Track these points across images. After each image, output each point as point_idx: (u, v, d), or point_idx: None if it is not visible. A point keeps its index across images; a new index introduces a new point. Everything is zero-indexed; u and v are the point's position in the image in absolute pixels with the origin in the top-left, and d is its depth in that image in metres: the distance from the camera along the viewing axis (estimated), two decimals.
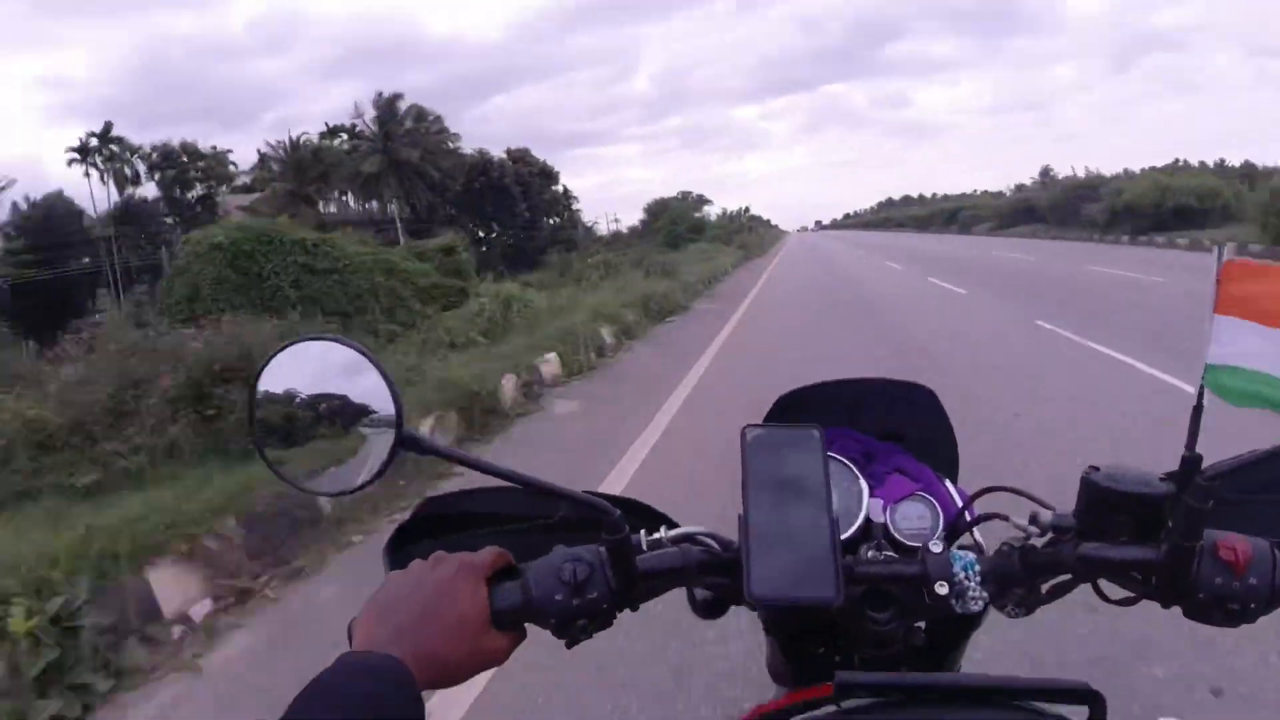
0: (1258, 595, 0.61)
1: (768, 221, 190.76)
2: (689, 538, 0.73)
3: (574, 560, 0.66)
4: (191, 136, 53.92)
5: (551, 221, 78.67)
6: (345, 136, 62.19)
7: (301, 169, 56.97)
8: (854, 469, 0.78)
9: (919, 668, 0.73)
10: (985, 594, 0.67)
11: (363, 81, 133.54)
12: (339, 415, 0.64)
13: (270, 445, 0.65)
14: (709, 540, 0.73)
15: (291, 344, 0.65)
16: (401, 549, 0.78)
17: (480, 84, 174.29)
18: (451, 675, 0.60)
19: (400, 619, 0.60)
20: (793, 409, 0.91)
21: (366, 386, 0.63)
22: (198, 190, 56.94)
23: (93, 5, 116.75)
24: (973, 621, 0.74)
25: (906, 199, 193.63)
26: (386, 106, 61.25)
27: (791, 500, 0.66)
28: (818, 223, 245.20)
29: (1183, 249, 20.86)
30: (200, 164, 56.99)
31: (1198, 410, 0.66)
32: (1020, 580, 0.69)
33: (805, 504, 0.65)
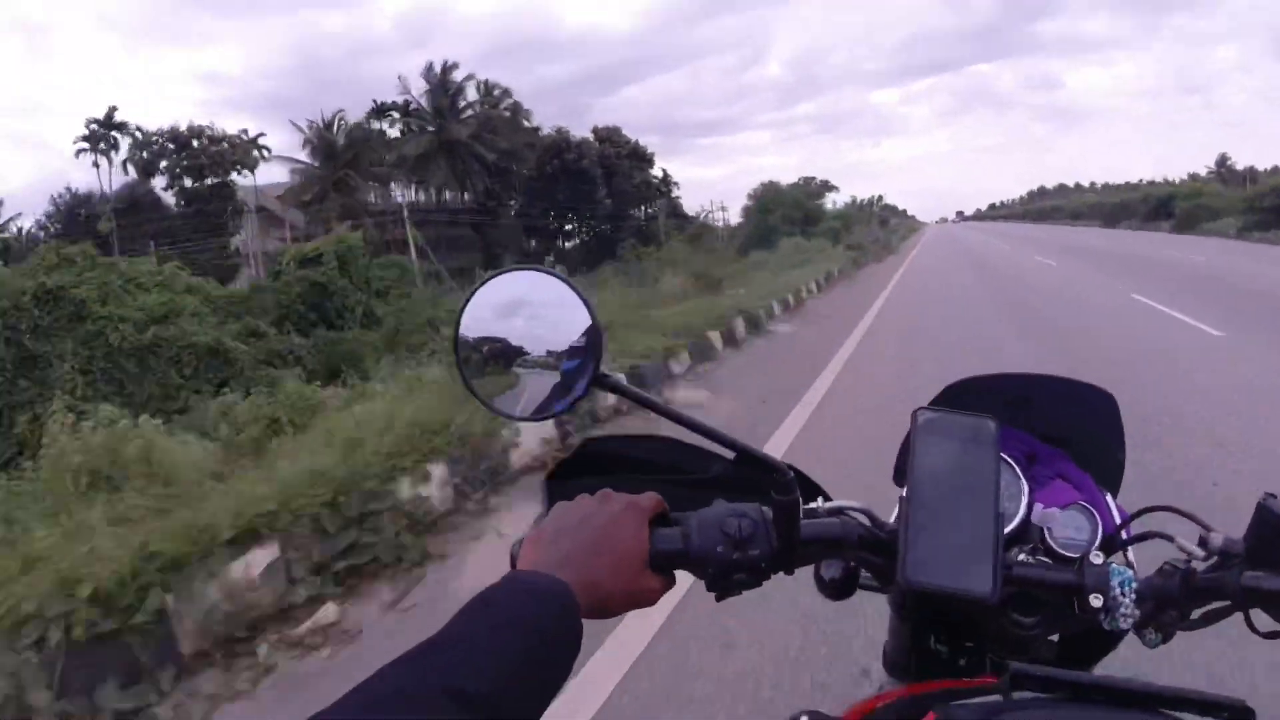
0: None
1: (903, 212, 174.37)
2: (844, 511, 0.72)
3: (739, 515, 0.66)
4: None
5: (648, 210, 67.78)
6: (396, 115, 52.73)
7: (331, 153, 48.13)
8: (1016, 469, 0.77)
9: None
10: (1137, 612, 0.65)
11: (503, 75, 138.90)
12: (539, 347, 0.66)
13: (474, 375, 0.67)
14: (863, 516, 0.71)
15: (499, 274, 0.67)
16: (561, 481, 0.78)
17: (613, 75, 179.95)
18: (608, 608, 0.62)
19: (567, 547, 0.62)
20: (959, 399, 0.86)
21: (568, 320, 0.64)
22: (210, 179, 48.87)
23: (246, 4, 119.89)
24: (1111, 641, 0.75)
25: (1062, 188, 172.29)
26: (439, 80, 51.59)
27: (958, 489, 0.66)
28: (959, 213, 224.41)
29: None
30: (214, 149, 49.01)
31: None
32: (1176, 603, 0.67)
33: (972, 495, 0.65)
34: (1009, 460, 0.77)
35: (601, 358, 0.64)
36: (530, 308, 0.66)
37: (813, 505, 0.72)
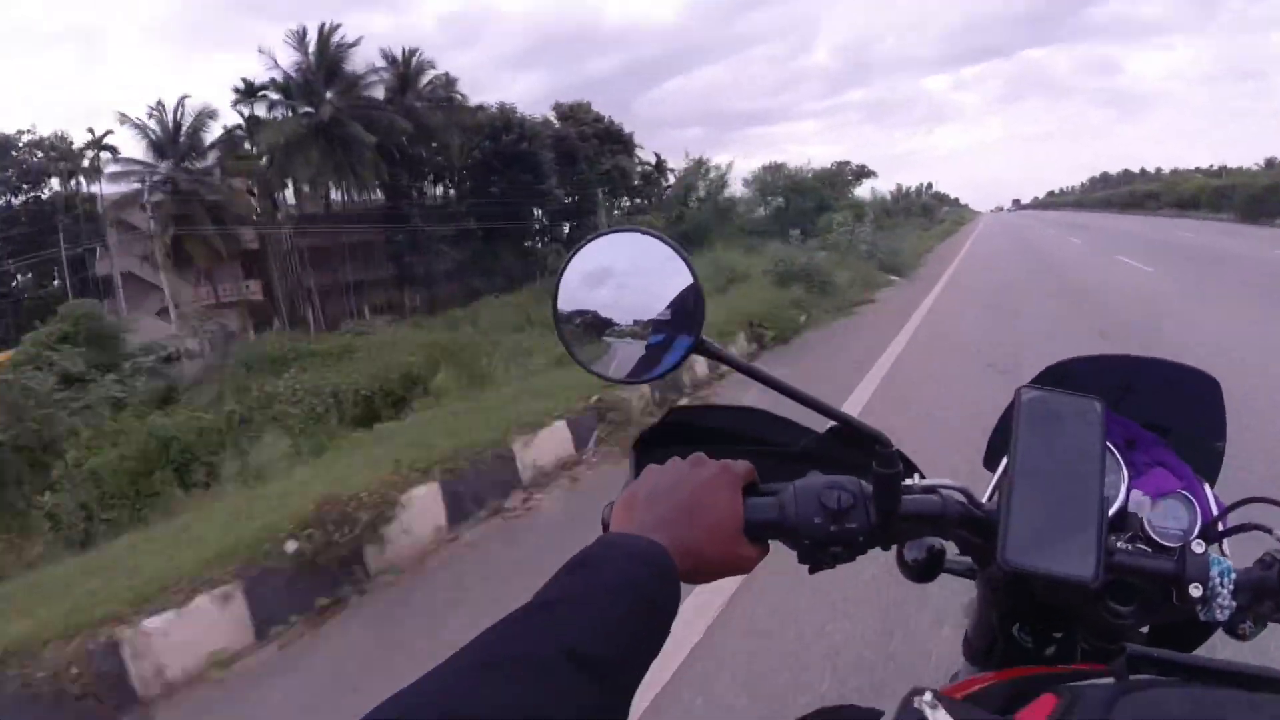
0: None
1: (955, 200, 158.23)
2: (938, 489, 0.70)
3: (838, 487, 0.65)
4: None
5: (627, 204, 53.57)
6: (277, 96, 39.08)
7: (160, 148, 35.13)
8: (1117, 454, 0.76)
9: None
10: (1234, 604, 0.64)
11: (547, 71, 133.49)
12: (631, 316, 0.65)
13: (579, 338, 0.66)
14: (959, 495, 0.70)
15: (597, 237, 0.65)
16: (648, 449, 0.78)
17: (658, 67, 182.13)
18: (704, 573, 0.61)
19: (663, 510, 0.61)
20: (1060, 381, 0.83)
21: (673, 283, 0.63)
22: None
23: (292, 7, 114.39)
24: (1203, 633, 0.75)
25: (1127, 174, 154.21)
26: (318, 49, 38.03)
27: (1061, 470, 0.65)
28: (1015, 202, 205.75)
29: None
30: (23, 158, 36.15)
31: None
32: (1274, 594, 0.66)
33: (1075, 477, 0.64)
34: (1109, 445, 0.74)
35: (703, 322, 0.62)
36: (624, 274, 0.64)
37: (908, 482, 0.70)
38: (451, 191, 45.35)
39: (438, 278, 40.44)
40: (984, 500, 0.70)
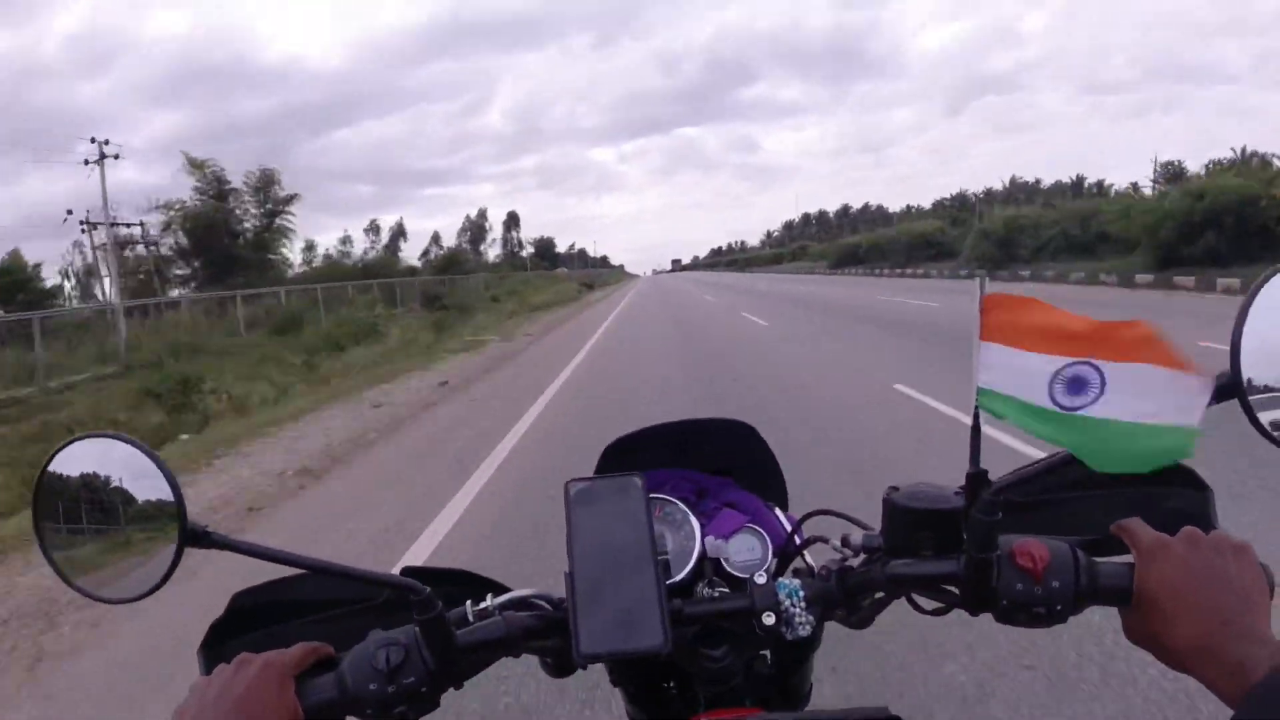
0: (1061, 597, 0.63)
1: (602, 259, 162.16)
2: (519, 602, 0.73)
3: (387, 644, 0.65)
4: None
5: None
6: None
7: None
8: (685, 508, 0.82)
9: (765, 694, 0.77)
10: (811, 618, 0.70)
11: (192, 109, 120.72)
12: (123, 515, 0.64)
13: (61, 548, 0.65)
14: (540, 602, 0.74)
15: (67, 444, 0.65)
16: (218, 646, 0.75)
17: (320, 115, 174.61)
18: None
19: None
20: (622, 457, 0.91)
21: (149, 483, 0.63)
22: None
23: None
24: (810, 643, 0.78)
25: (790, 225, 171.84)
26: None
27: (617, 550, 0.68)
28: (675, 263, 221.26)
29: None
30: None
31: (976, 430, 0.67)
32: (840, 601, 0.72)
33: (631, 553, 0.68)
34: (675, 501, 0.82)
35: (186, 513, 0.61)
36: (104, 475, 0.64)
37: (483, 605, 0.71)
38: None
39: None
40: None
